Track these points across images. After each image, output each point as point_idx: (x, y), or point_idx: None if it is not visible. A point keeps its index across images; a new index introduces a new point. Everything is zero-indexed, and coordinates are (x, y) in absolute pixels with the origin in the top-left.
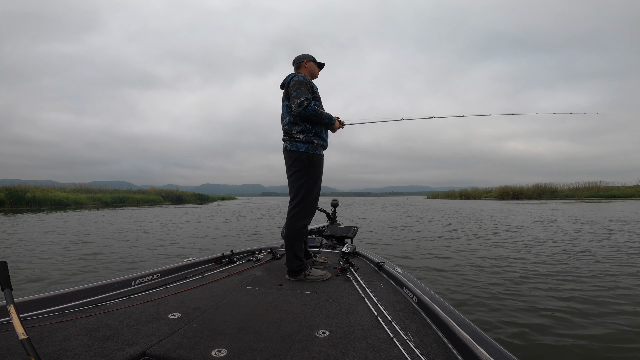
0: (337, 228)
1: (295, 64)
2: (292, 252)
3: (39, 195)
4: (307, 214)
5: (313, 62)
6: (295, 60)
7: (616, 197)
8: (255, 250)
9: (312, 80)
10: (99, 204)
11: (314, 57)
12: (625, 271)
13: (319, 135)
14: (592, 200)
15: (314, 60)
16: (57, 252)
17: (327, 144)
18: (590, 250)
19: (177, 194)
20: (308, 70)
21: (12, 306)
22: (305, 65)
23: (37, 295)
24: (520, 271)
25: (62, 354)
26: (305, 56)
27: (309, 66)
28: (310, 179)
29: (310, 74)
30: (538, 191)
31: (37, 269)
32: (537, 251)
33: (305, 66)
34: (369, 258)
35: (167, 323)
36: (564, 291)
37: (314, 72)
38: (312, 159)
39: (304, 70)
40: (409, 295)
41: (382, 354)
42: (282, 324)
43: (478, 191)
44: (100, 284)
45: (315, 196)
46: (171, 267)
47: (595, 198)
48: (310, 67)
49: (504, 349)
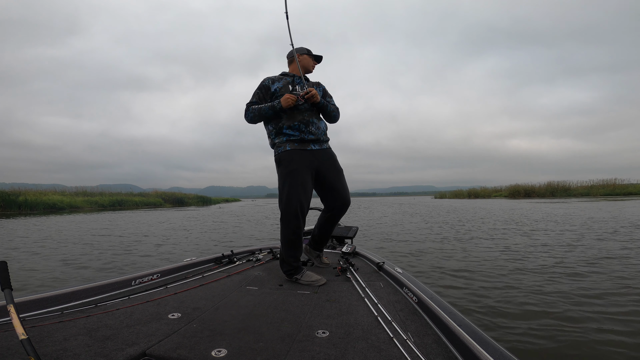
0: (337, 228)
1: (289, 59)
2: (281, 256)
3: (31, 198)
4: (286, 216)
5: (307, 55)
6: (288, 55)
7: (633, 195)
8: (255, 250)
9: (271, 80)
10: (95, 207)
11: (308, 50)
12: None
13: (281, 132)
14: (612, 199)
15: (308, 53)
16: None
17: (299, 134)
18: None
19: (179, 196)
20: (300, 65)
21: (12, 306)
22: (297, 58)
23: (37, 295)
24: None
25: (62, 354)
26: (299, 49)
27: (301, 60)
28: (280, 178)
29: (304, 68)
30: (551, 189)
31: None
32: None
33: (298, 60)
34: (369, 258)
35: (167, 323)
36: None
37: (307, 65)
38: (279, 158)
39: (296, 65)
40: (409, 295)
41: (382, 354)
42: (282, 324)
43: (487, 190)
44: (100, 284)
45: (288, 195)
46: (171, 267)
47: (612, 196)
48: (302, 61)
49: (504, 349)
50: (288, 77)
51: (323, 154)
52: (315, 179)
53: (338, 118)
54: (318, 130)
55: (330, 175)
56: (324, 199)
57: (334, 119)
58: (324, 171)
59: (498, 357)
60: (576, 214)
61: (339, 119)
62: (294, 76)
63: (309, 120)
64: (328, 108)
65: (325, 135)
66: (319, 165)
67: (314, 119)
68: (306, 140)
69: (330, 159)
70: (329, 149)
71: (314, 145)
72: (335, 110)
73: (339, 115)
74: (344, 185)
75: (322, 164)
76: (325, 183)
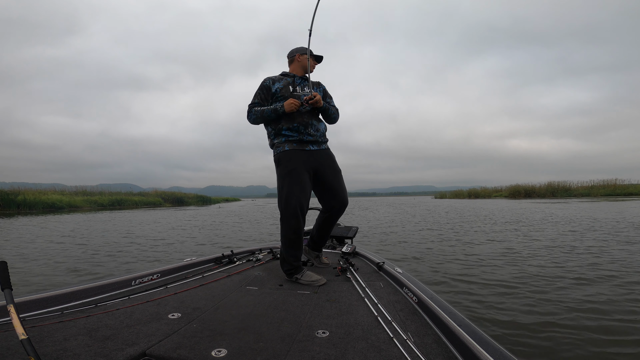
0: (337, 228)
1: (289, 59)
2: (281, 256)
3: (29, 198)
4: (286, 215)
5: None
6: (289, 55)
7: (634, 195)
8: (255, 250)
9: (272, 81)
10: (94, 206)
11: (309, 50)
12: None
13: (280, 133)
14: (613, 199)
15: (310, 53)
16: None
17: (297, 135)
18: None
19: (179, 195)
20: (301, 64)
21: (12, 306)
22: (297, 59)
23: (37, 295)
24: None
25: (62, 354)
26: (298, 49)
27: (302, 59)
28: (279, 177)
29: (303, 68)
30: (551, 190)
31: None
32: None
33: (298, 60)
34: (369, 258)
35: (167, 323)
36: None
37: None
38: (278, 158)
39: (296, 65)
40: (409, 295)
41: (382, 354)
42: (282, 324)
43: (487, 190)
44: (100, 284)
45: (288, 194)
46: (171, 267)
47: (612, 196)
48: (303, 61)
49: (504, 349)
50: (288, 78)
51: (321, 154)
52: (313, 179)
53: (338, 119)
54: (317, 133)
55: (328, 175)
56: (322, 199)
57: (333, 121)
58: (322, 171)
59: (498, 357)
60: (579, 215)
61: (338, 120)
62: (294, 76)
63: (308, 122)
64: (329, 111)
65: (324, 137)
66: (317, 166)
67: (314, 121)
68: (305, 141)
69: (329, 159)
70: (327, 150)
71: (312, 146)
72: (335, 112)
73: (339, 116)
74: (342, 185)
75: (321, 164)
76: (324, 183)
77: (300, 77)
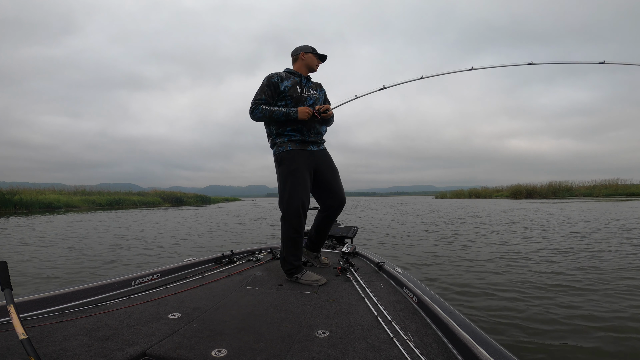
0: (336, 228)
1: (293, 57)
2: (282, 255)
3: (26, 197)
4: (288, 214)
5: (312, 54)
6: (293, 53)
7: (636, 195)
8: (255, 250)
9: (280, 78)
10: (92, 206)
11: (313, 49)
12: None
13: (283, 133)
14: (615, 199)
15: (313, 51)
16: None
17: (300, 135)
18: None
19: (178, 195)
20: (305, 63)
21: (12, 306)
22: (302, 57)
23: (37, 295)
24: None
25: (62, 354)
26: (303, 47)
27: (306, 58)
28: (280, 177)
29: (307, 67)
30: (553, 189)
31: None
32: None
33: (302, 58)
34: (369, 258)
35: (167, 323)
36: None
37: (312, 64)
38: (280, 157)
39: (300, 63)
40: (409, 295)
41: (382, 354)
42: (282, 324)
43: (488, 190)
44: (100, 284)
45: (290, 194)
46: (171, 267)
47: (614, 196)
48: (307, 59)
49: (504, 349)
50: (295, 77)
51: (320, 154)
52: (312, 179)
53: (332, 122)
54: (318, 135)
55: (327, 175)
56: (320, 198)
57: (329, 124)
58: (322, 171)
59: (498, 357)
60: (583, 215)
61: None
62: (300, 76)
63: (310, 125)
64: (330, 120)
65: (323, 138)
66: (317, 165)
67: (316, 124)
68: (306, 142)
69: (327, 159)
70: (325, 150)
71: (312, 147)
72: (333, 119)
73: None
74: (340, 184)
75: (320, 164)
76: (323, 183)
77: (306, 78)
